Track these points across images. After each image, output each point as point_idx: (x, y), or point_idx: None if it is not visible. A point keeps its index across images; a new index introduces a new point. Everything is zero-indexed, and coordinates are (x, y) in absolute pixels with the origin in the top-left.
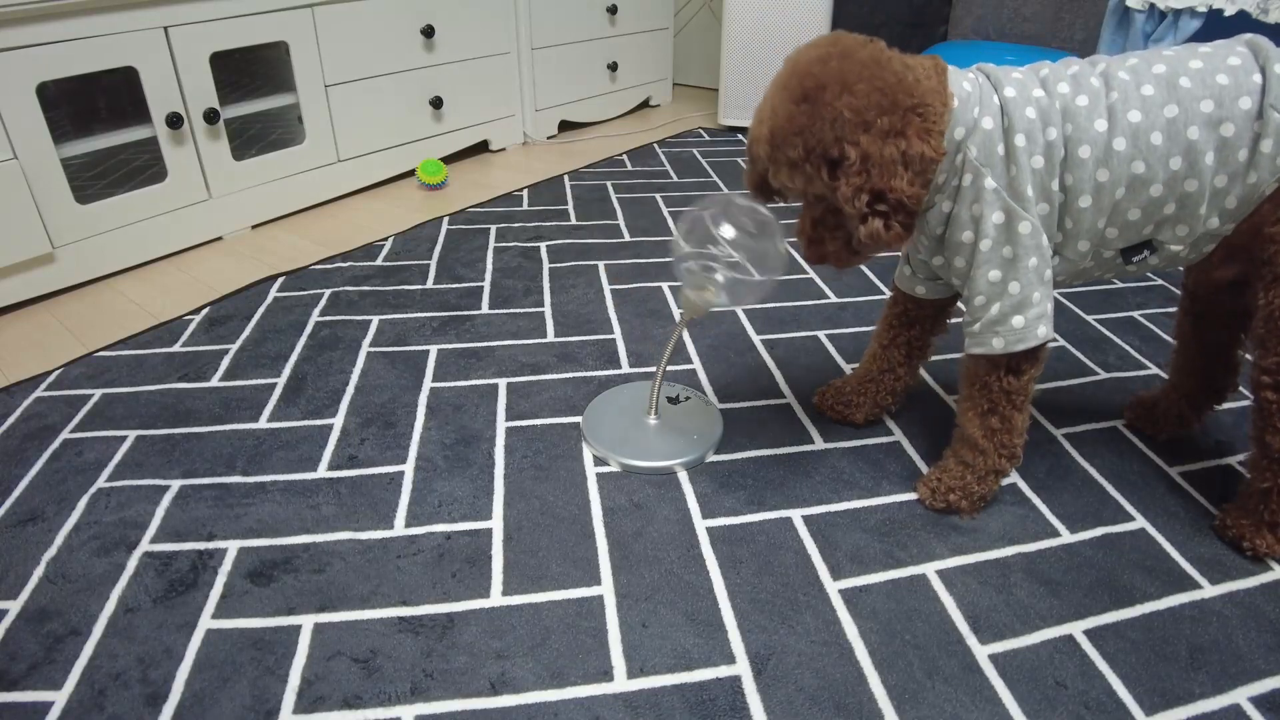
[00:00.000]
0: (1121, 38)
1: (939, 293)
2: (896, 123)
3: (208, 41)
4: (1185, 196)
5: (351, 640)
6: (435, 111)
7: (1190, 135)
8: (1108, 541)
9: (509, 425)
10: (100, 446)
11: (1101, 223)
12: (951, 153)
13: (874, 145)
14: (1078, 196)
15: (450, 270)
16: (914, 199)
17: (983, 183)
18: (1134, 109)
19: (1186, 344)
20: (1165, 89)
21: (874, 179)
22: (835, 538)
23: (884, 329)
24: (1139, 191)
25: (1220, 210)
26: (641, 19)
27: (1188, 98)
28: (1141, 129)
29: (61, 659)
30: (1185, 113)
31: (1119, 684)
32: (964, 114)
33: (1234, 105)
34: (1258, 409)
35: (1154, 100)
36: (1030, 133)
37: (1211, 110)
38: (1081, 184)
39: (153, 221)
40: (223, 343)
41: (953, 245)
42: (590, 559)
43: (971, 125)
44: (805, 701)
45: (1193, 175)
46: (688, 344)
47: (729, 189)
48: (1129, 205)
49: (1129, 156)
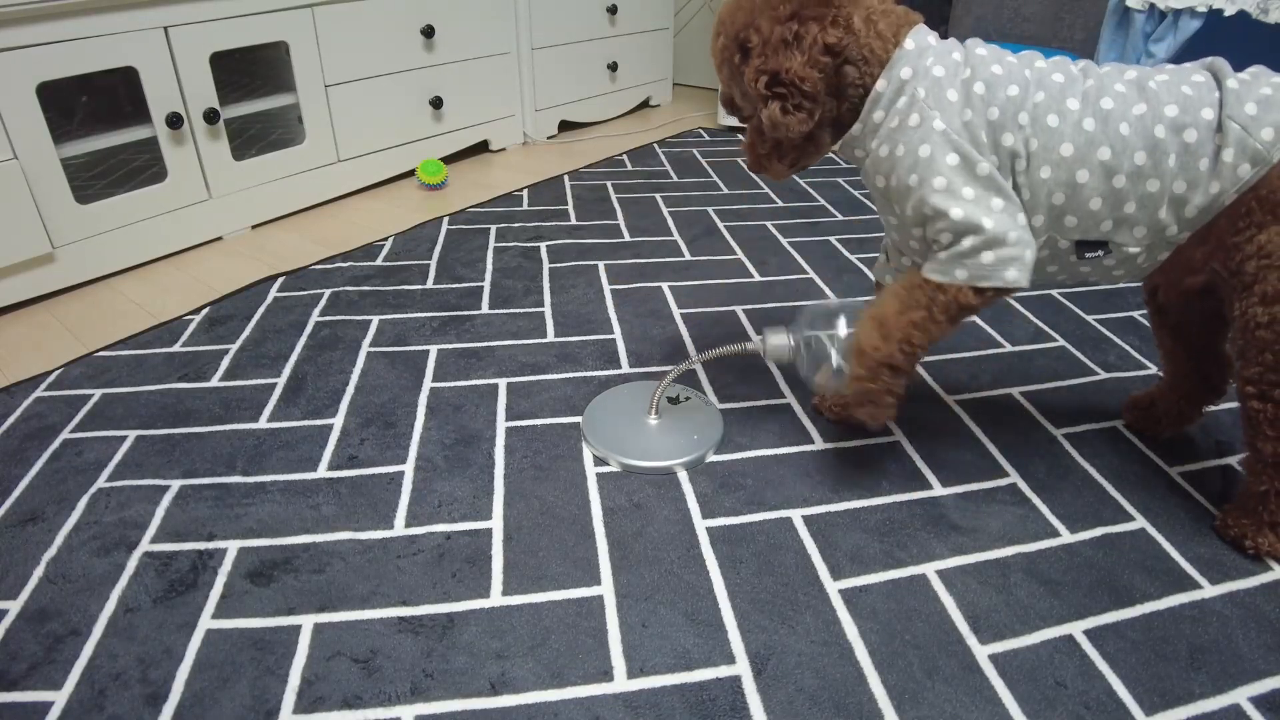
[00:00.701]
0: (1121, 38)
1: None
2: (794, 8)
3: (208, 41)
4: (1146, 196)
5: (351, 640)
6: (435, 111)
7: (1156, 133)
8: (1108, 541)
9: (509, 425)
10: (100, 446)
11: (1059, 199)
12: (894, 92)
13: (769, 27)
14: (1039, 165)
15: (450, 270)
16: (808, 81)
17: (931, 123)
18: (1107, 97)
19: (1171, 353)
20: (1135, 89)
21: (769, 61)
22: (835, 538)
23: None
24: (1102, 180)
25: (1179, 218)
26: (641, 19)
27: (1154, 100)
28: (1113, 116)
29: (61, 659)
30: (1152, 112)
31: (1119, 684)
32: (917, 59)
33: (1197, 114)
34: (1246, 417)
35: (1125, 97)
36: (990, 83)
37: (1176, 115)
38: (1046, 152)
39: (153, 221)
40: (223, 343)
41: (899, 192)
42: (590, 559)
43: (923, 71)
44: (805, 701)
45: (1155, 175)
46: (688, 344)
47: (729, 189)
48: (1091, 193)
49: (1096, 140)
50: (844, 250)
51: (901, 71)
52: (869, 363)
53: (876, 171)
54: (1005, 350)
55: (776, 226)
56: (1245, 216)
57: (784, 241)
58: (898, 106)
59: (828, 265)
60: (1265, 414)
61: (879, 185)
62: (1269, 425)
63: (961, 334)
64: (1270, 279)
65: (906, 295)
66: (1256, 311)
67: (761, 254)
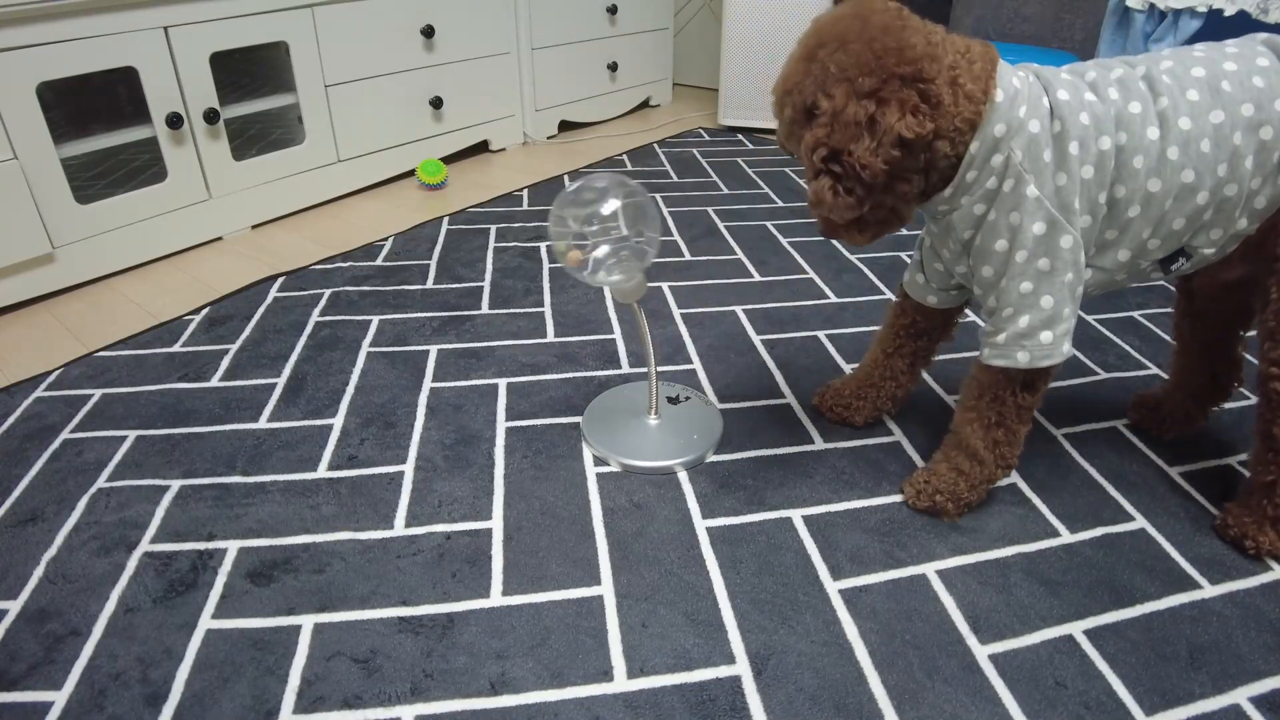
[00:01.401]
0: (1121, 38)
1: (951, 302)
2: (876, 85)
3: (208, 41)
4: (1224, 201)
5: (351, 640)
6: (435, 111)
7: (1235, 141)
8: (1108, 541)
9: (509, 425)
10: (100, 446)
11: (1147, 233)
12: (988, 151)
13: (844, 101)
14: (1127, 207)
15: (450, 270)
16: (871, 171)
17: (1024, 190)
18: (1184, 115)
19: (1187, 345)
20: (1209, 93)
21: (835, 136)
22: (835, 538)
23: (889, 337)
24: (1186, 200)
25: (1250, 211)
26: (641, 19)
27: (1230, 102)
28: (1192, 136)
29: (61, 659)
30: (1230, 118)
31: (1119, 684)
32: (1008, 111)
33: (1271, 108)
34: (1266, 402)
35: (1200, 105)
36: (1084, 140)
37: (1252, 114)
38: (1132, 195)
39: (153, 221)
40: (223, 343)
41: (983, 253)
42: (590, 559)
43: (1017, 125)
44: (805, 701)
45: (1233, 180)
46: (688, 344)
47: (728, 189)
48: (1175, 215)
49: (1180, 165)
50: (844, 250)
51: (995, 129)
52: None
53: (965, 226)
54: None
55: (776, 226)
56: None
57: (784, 241)
58: (992, 164)
59: (828, 265)
60: None
61: (964, 238)
62: None
63: (961, 334)
64: None
65: (987, 410)
66: None
67: (761, 254)
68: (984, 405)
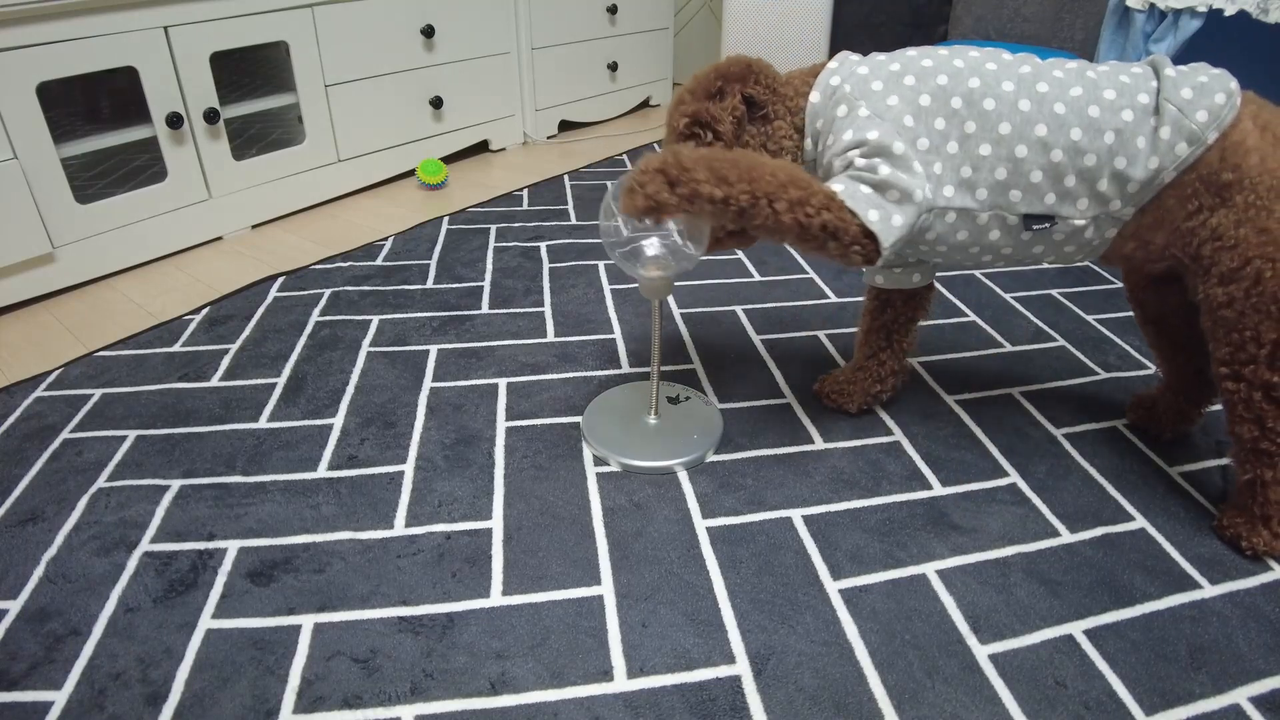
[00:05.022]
0: (1121, 38)
1: (895, 282)
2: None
3: (208, 41)
4: (1084, 170)
5: (351, 640)
6: (435, 111)
7: (1091, 113)
8: (1108, 541)
9: (509, 425)
10: (100, 446)
11: (1002, 174)
12: (825, 98)
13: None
14: (978, 144)
15: (450, 270)
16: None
17: (857, 111)
18: (1042, 83)
19: (1162, 351)
20: (1074, 76)
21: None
22: (835, 538)
23: (864, 315)
24: (1040, 154)
25: (1122, 193)
26: (641, 19)
27: (1092, 85)
28: (1047, 98)
29: (61, 659)
30: (1088, 94)
31: (1119, 684)
32: (839, 67)
33: (1133, 98)
34: (1224, 401)
35: (1062, 81)
36: (920, 74)
37: (1113, 98)
38: (984, 132)
39: (153, 221)
40: (223, 343)
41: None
42: (590, 559)
43: (848, 72)
44: (805, 701)
45: (1091, 150)
46: (688, 344)
47: None
48: (1031, 166)
49: (1032, 118)
50: None
51: (831, 80)
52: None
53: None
54: (1005, 350)
55: None
56: (1193, 199)
57: None
58: (829, 102)
59: (827, 265)
60: (1239, 395)
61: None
62: (1244, 407)
63: (961, 334)
64: (1224, 260)
65: (802, 173)
66: (1216, 293)
67: (761, 254)
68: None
